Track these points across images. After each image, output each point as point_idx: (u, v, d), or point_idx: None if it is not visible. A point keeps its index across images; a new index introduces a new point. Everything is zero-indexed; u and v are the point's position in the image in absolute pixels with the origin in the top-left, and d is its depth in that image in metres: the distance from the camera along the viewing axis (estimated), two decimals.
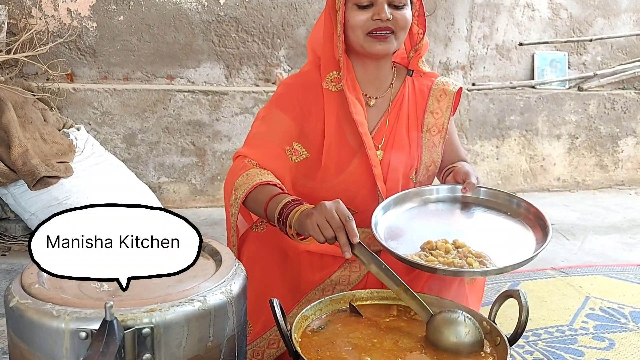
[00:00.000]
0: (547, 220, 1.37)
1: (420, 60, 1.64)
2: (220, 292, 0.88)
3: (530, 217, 1.44)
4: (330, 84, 1.55)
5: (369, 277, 1.55)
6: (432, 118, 1.61)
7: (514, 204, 1.50)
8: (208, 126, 3.27)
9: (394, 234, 1.42)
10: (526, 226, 1.43)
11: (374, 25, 1.47)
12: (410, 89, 1.61)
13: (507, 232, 1.43)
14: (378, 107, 1.60)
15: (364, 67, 1.57)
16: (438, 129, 1.60)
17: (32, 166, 2.49)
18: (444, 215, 1.48)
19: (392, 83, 1.61)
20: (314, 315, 1.20)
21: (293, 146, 1.54)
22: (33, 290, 0.84)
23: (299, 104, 1.55)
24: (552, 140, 3.90)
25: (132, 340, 0.77)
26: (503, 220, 1.46)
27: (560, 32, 4.00)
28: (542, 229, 1.37)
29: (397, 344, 1.13)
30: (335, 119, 1.55)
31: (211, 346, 0.85)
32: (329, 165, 1.55)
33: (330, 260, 1.54)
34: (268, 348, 1.49)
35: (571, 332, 1.97)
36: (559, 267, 2.56)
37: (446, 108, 1.61)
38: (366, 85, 1.59)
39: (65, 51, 3.16)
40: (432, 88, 1.62)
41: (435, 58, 3.54)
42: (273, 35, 3.46)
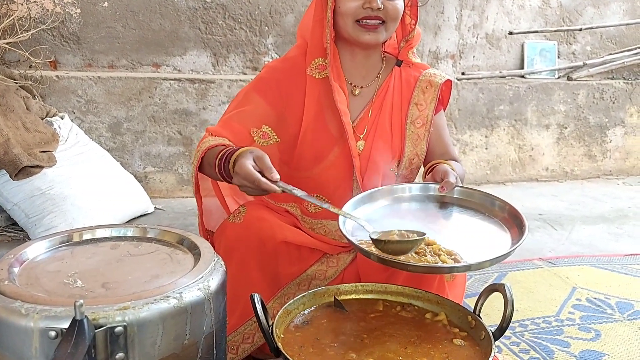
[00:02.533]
0: (523, 218, 1.32)
1: (411, 51, 1.61)
2: (197, 288, 0.85)
3: (505, 216, 1.39)
4: (314, 70, 1.54)
5: (346, 273, 1.54)
6: (417, 110, 1.58)
7: (489, 202, 1.44)
8: (195, 115, 3.23)
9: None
10: (501, 225, 1.38)
11: (364, 14, 1.45)
12: (397, 80, 1.59)
13: (481, 232, 1.38)
14: (363, 96, 1.58)
15: (352, 55, 1.55)
16: (423, 121, 1.57)
17: (13, 156, 2.44)
18: (416, 214, 1.43)
19: (380, 73, 1.59)
20: (296, 310, 1.18)
21: (262, 129, 1.52)
22: (2, 287, 0.81)
23: (279, 88, 1.54)
24: (541, 130, 3.90)
25: (104, 340, 0.74)
26: (478, 219, 1.41)
27: (550, 21, 3.98)
28: (519, 228, 1.31)
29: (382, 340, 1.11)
30: (316, 106, 1.53)
31: (188, 344, 0.83)
32: (304, 153, 1.53)
33: (307, 253, 1.52)
34: (243, 342, 1.47)
35: (557, 322, 1.96)
36: (546, 257, 2.56)
37: (431, 100, 1.57)
38: (353, 74, 1.57)
39: (48, 38, 3.10)
40: (419, 79, 1.59)
41: (424, 47, 3.51)
42: (261, 23, 3.41)
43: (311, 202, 1.33)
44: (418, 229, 1.21)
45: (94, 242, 1.04)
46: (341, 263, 1.55)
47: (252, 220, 1.44)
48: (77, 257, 0.97)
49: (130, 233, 1.07)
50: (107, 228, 1.07)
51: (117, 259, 0.97)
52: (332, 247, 1.55)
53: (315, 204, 1.29)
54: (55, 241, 1.00)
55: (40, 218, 2.47)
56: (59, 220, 2.47)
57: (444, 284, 1.44)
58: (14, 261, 0.90)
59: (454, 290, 1.50)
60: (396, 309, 1.23)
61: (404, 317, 1.20)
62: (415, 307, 1.24)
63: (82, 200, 2.55)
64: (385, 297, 1.27)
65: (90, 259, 0.97)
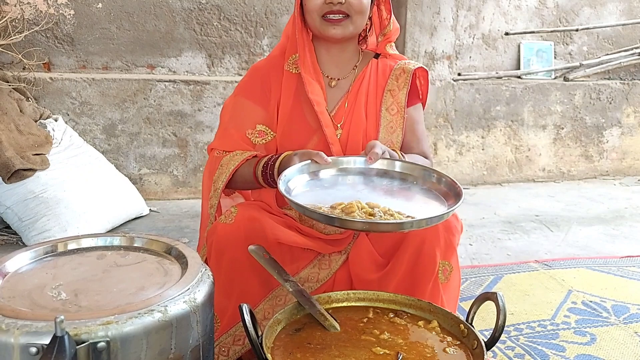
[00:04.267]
0: (458, 186, 1.31)
1: (389, 44, 1.67)
2: (183, 301, 0.84)
3: (442, 187, 1.38)
4: (291, 66, 1.61)
5: (337, 275, 1.54)
6: (390, 96, 1.62)
7: (427, 175, 1.42)
8: (190, 116, 3.21)
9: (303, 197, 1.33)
10: (439, 196, 1.36)
11: (327, 9, 1.51)
12: (373, 70, 1.64)
13: (420, 201, 1.35)
14: (340, 87, 1.63)
15: (327, 49, 1.62)
16: (397, 108, 1.61)
17: (6, 159, 2.43)
18: (355, 185, 1.41)
19: (357, 66, 1.65)
20: (287, 320, 1.17)
21: (257, 128, 1.59)
22: None
23: (262, 86, 1.61)
24: (537, 130, 3.89)
25: (86, 356, 0.73)
26: (417, 191, 1.39)
27: (547, 21, 3.97)
28: (456, 197, 1.30)
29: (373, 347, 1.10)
30: (292, 100, 1.59)
31: (173, 358, 0.81)
32: (285, 144, 1.57)
33: (300, 253, 1.52)
34: (234, 344, 1.47)
35: (553, 326, 1.95)
36: (542, 259, 2.55)
37: (403, 85, 1.62)
38: (329, 67, 1.63)
39: (41, 39, 3.08)
40: (394, 68, 1.64)
41: (420, 48, 3.49)
42: (256, 24, 3.39)
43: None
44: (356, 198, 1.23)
45: (80, 252, 1.02)
46: (333, 265, 1.54)
47: (243, 220, 1.43)
48: (62, 268, 0.95)
49: (117, 242, 1.06)
50: (93, 237, 1.06)
51: (103, 269, 0.96)
52: (325, 247, 1.55)
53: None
54: (39, 252, 0.99)
55: (34, 221, 2.46)
56: (53, 224, 2.45)
57: (438, 286, 1.43)
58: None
59: (448, 291, 1.49)
60: (388, 315, 1.22)
61: (396, 324, 1.19)
62: (407, 315, 1.23)
63: (76, 203, 2.54)
64: (377, 304, 1.26)
65: (76, 269, 0.95)
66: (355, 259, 1.52)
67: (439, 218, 1.18)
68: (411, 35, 3.46)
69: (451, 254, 1.48)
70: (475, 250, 2.66)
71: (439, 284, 1.43)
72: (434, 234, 1.41)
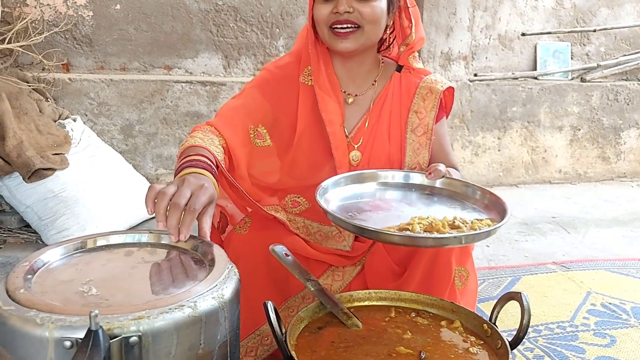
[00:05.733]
0: (504, 203, 1.30)
1: (412, 55, 1.55)
2: (211, 297, 0.84)
3: (486, 203, 1.38)
4: (307, 77, 1.51)
5: (352, 285, 1.52)
6: (417, 118, 1.51)
7: (470, 191, 1.42)
8: (206, 117, 3.23)
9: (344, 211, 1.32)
10: (482, 212, 1.35)
11: (334, 19, 1.40)
12: (396, 87, 1.53)
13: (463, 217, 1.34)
14: (358, 105, 1.53)
15: (343, 63, 1.51)
16: (423, 129, 1.51)
17: (26, 158, 2.46)
18: (398, 200, 1.41)
19: (376, 80, 1.54)
20: (309, 318, 1.17)
21: (258, 128, 1.49)
22: (18, 296, 0.81)
23: (276, 89, 1.51)
24: (554, 131, 3.86)
25: (119, 350, 0.74)
26: (459, 207, 1.39)
27: (564, 22, 3.94)
28: (501, 214, 1.29)
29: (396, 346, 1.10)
30: (310, 114, 1.49)
31: (202, 354, 0.82)
32: (298, 160, 1.51)
33: (314, 265, 1.50)
34: (246, 355, 1.45)
35: (572, 328, 1.94)
36: (560, 261, 2.54)
37: (431, 108, 1.51)
38: (345, 81, 1.53)
39: (61, 40, 3.11)
40: (420, 86, 1.52)
41: (436, 48, 3.49)
42: (272, 25, 3.41)
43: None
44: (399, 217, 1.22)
45: (108, 249, 1.03)
46: (347, 276, 1.53)
47: (258, 230, 1.42)
48: (91, 264, 0.97)
49: (145, 239, 1.07)
50: (121, 234, 1.07)
51: (131, 266, 0.97)
52: (338, 259, 1.53)
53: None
54: (69, 248, 1.00)
55: (53, 220, 2.48)
56: (72, 223, 2.48)
57: (455, 291, 1.42)
58: (28, 269, 0.90)
59: (465, 296, 1.48)
60: (410, 315, 1.22)
61: (419, 324, 1.19)
62: (430, 314, 1.22)
63: (95, 203, 2.57)
64: (398, 304, 1.25)
65: (105, 266, 0.96)
66: (371, 268, 1.51)
67: (486, 234, 1.17)
68: (427, 36, 3.45)
69: (466, 259, 1.46)
70: (492, 252, 2.65)
71: (456, 291, 1.42)
72: None
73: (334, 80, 1.51)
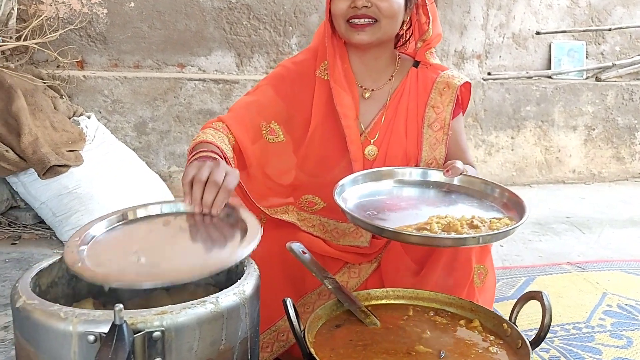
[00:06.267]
0: (523, 202, 1.29)
1: (429, 51, 1.55)
2: (233, 293, 0.85)
3: (505, 202, 1.36)
4: (323, 72, 1.51)
5: (369, 283, 1.51)
6: (434, 113, 1.52)
7: (489, 189, 1.41)
8: (219, 115, 3.23)
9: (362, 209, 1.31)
10: (501, 210, 1.34)
11: (351, 13, 1.41)
12: (413, 82, 1.54)
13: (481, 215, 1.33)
14: (375, 99, 1.53)
15: (360, 57, 1.52)
16: (440, 124, 1.51)
17: (42, 155, 2.47)
18: (416, 198, 1.40)
19: (393, 75, 1.55)
20: (327, 316, 1.17)
21: (271, 124, 1.50)
22: (77, 269, 0.84)
23: (291, 85, 1.52)
24: (568, 131, 3.83)
25: (142, 344, 0.74)
26: (477, 205, 1.37)
27: (579, 20, 3.91)
28: (519, 213, 1.28)
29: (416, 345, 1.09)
30: (325, 108, 1.50)
31: (223, 349, 0.82)
32: (310, 154, 1.51)
33: (330, 262, 1.50)
34: (262, 351, 1.45)
35: (588, 329, 1.92)
36: (575, 261, 2.52)
37: (448, 102, 1.51)
38: (362, 76, 1.54)
39: (75, 38, 3.13)
40: (437, 81, 1.53)
41: (450, 47, 3.47)
42: (285, 23, 3.40)
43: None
44: (417, 215, 1.22)
45: (148, 220, 1.09)
46: (363, 273, 1.52)
47: (273, 227, 1.42)
48: (134, 234, 1.03)
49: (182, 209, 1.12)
50: (157, 204, 1.13)
51: (171, 234, 1.03)
52: (354, 257, 1.53)
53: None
54: (112, 220, 1.05)
55: (67, 217, 2.50)
56: (86, 219, 2.49)
57: (474, 288, 1.42)
58: (80, 243, 0.93)
59: (484, 294, 1.47)
60: (429, 314, 1.21)
61: (437, 323, 1.18)
62: (448, 313, 1.22)
63: (109, 200, 2.57)
64: (416, 302, 1.25)
65: (148, 235, 1.02)
66: (388, 266, 1.50)
67: (504, 234, 1.16)
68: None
69: (485, 256, 1.46)
70: (506, 252, 2.63)
71: (475, 289, 1.41)
72: None
73: (350, 75, 1.51)
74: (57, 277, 0.96)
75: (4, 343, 1.67)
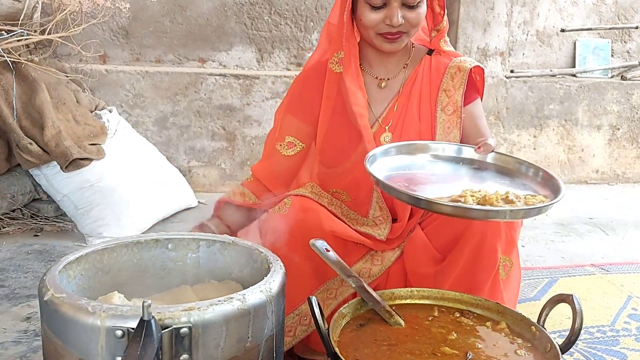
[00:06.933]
0: (559, 181, 1.28)
1: (443, 39, 1.60)
2: (259, 290, 0.84)
3: (539, 181, 1.35)
4: (335, 64, 1.55)
5: (391, 270, 1.51)
6: (446, 96, 1.55)
7: (523, 168, 1.40)
8: (239, 110, 3.23)
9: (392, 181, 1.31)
10: (534, 189, 1.33)
11: (385, 29, 1.46)
12: (426, 68, 1.58)
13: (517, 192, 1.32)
14: (389, 88, 1.58)
15: (376, 51, 1.55)
16: (453, 107, 1.53)
17: (64, 148, 2.49)
18: (447, 174, 1.39)
19: (407, 64, 1.59)
20: (351, 314, 1.16)
21: (285, 140, 1.59)
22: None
23: (305, 99, 1.58)
24: (592, 130, 3.77)
25: (170, 340, 0.73)
26: (510, 183, 1.36)
27: (605, 18, 3.84)
28: (554, 192, 1.27)
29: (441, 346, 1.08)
30: (335, 100, 1.54)
31: (250, 347, 0.81)
32: (327, 147, 1.54)
33: (353, 248, 1.50)
34: (300, 324, 1.45)
35: (613, 332, 1.89)
36: (599, 263, 2.47)
37: (459, 85, 1.54)
38: (377, 68, 1.58)
39: (98, 32, 3.15)
40: (449, 66, 1.57)
41: (473, 43, 3.43)
42: (306, 19, 3.39)
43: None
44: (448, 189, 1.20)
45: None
46: (386, 261, 1.52)
47: (298, 210, 1.43)
48: None
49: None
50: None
51: None
52: (378, 244, 1.53)
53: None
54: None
55: (89, 210, 2.51)
56: (107, 212, 2.50)
57: (499, 281, 1.40)
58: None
59: (508, 287, 1.45)
60: (454, 315, 1.19)
61: (463, 324, 1.16)
62: (474, 315, 1.20)
63: (130, 193, 2.59)
64: (442, 303, 1.23)
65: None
66: (411, 253, 1.50)
67: (537, 210, 1.14)
68: (464, 31, 3.39)
69: (512, 249, 1.45)
70: (528, 252, 2.59)
71: (499, 280, 1.40)
72: (495, 228, 1.37)
73: (359, 71, 1.55)
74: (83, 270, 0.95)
75: (26, 334, 1.68)
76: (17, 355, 1.56)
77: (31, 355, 1.56)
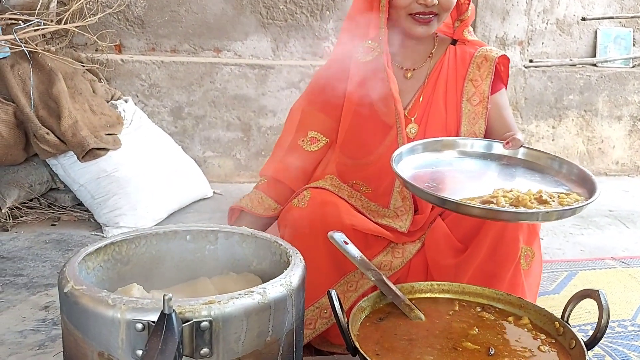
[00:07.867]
0: (593, 180, 1.24)
1: (467, 29, 1.59)
2: (280, 284, 0.82)
3: (572, 178, 1.32)
4: (361, 53, 1.53)
5: (412, 263, 1.50)
6: (472, 86, 1.53)
7: (556, 165, 1.37)
8: (254, 100, 3.22)
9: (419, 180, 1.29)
10: (566, 186, 1.29)
11: (418, 9, 1.44)
12: (451, 57, 1.56)
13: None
14: (415, 79, 1.56)
15: (402, 40, 1.54)
16: (479, 98, 1.52)
17: (81, 138, 2.49)
18: (476, 171, 1.37)
19: (432, 53, 1.57)
20: (370, 308, 1.14)
21: (308, 135, 1.56)
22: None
23: (329, 92, 1.55)
24: (612, 121, 3.70)
25: (190, 334, 0.72)
26: (541, 180, 1.32)
27: (627, 6, 3.75)
28: (588, 189, 1.23)
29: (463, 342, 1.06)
30: (361, 90, 1.51)
31: (270, 341, 0.80)
32: (351, 139, 1.53)
33: (373, 241, 1.49)
34: (305, 328, 1.44)
35: (634, 327, 1.86)
36: (620, 257, 2.43)
37: (486, 75, 1.52)
38: (403, 58, 1.57)
39: (114, 22, 3.14)
40: (475, 55, 1.55)
41: (491, 32, 3.37)
42: (322, 7, 3.35)
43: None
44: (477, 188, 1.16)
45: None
46: (407, 254, 1.51)
47: (317, 204, 1.42)
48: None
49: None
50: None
51: None
52: (399, 236, 1.52)
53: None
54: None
55: (106, 199, 2.52)
56: (123, 202, 2.51)
57: (520, 272, 1.38)
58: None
59: (529, 278, 1.43)
60: (475, 309, 1.18)
61: (485, 319, 1.14)
62: (496, 309, 1.18)
63: (146, 183, 2.59)
64: (462, 297, 1.21)
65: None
66: (432, 244, 1.49)
67: (571, 211, 1.11)
68: (482, 20, 3.33)
69: (533, 239, 1.43)
70: (546, 245, 2.55)
71: (521, 270, 1.38)
72: None
73: (396, 56, 1.54)
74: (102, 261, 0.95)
75: (44, 323, 1.69)
76: (36, 344, 1.57)
77: (49, 344, 1.57)
